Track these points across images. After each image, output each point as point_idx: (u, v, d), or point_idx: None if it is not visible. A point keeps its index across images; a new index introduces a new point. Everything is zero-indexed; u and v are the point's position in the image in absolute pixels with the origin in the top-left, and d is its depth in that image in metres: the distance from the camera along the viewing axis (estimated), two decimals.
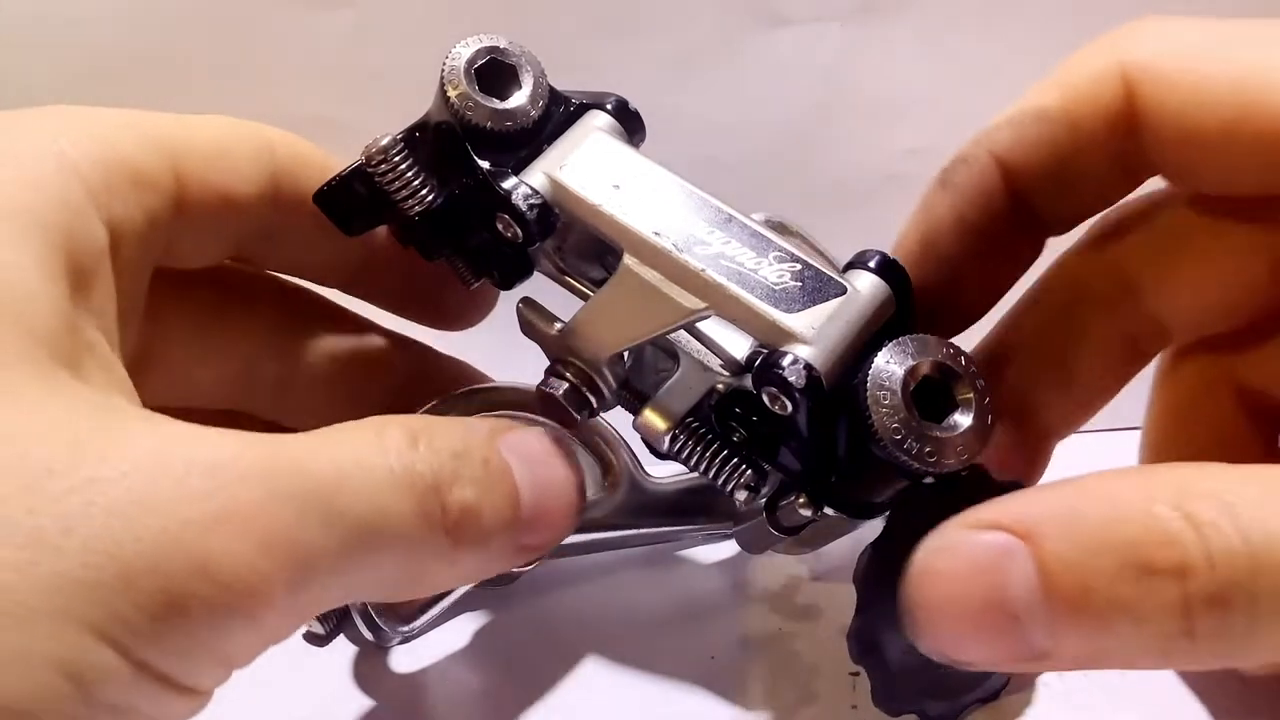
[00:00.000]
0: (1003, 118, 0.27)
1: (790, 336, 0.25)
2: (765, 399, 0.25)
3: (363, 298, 0.32)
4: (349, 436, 0.22)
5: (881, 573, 0.26)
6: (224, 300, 0.30)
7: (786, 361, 0.24)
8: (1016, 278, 0.29)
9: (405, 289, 0.32)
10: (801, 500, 0.27)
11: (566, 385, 0.27)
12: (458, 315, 0.33)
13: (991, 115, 0.28)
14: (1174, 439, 0.30)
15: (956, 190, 0.27)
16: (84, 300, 0.22)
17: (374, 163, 0.26)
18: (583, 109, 0.28)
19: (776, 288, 0.25)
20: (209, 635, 0.19)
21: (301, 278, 0.31)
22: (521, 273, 0.28)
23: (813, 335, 0.25)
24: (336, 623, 0.32)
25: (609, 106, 0.28)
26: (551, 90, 0.28)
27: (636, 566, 0.36)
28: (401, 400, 0.30)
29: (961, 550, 0.22)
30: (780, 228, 0.27)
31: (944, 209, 0.27)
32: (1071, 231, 0.29)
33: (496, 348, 0.32)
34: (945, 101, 0.41)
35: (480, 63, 0.27)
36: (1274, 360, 0.28)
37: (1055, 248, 0.29)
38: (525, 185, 0.26)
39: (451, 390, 0.32)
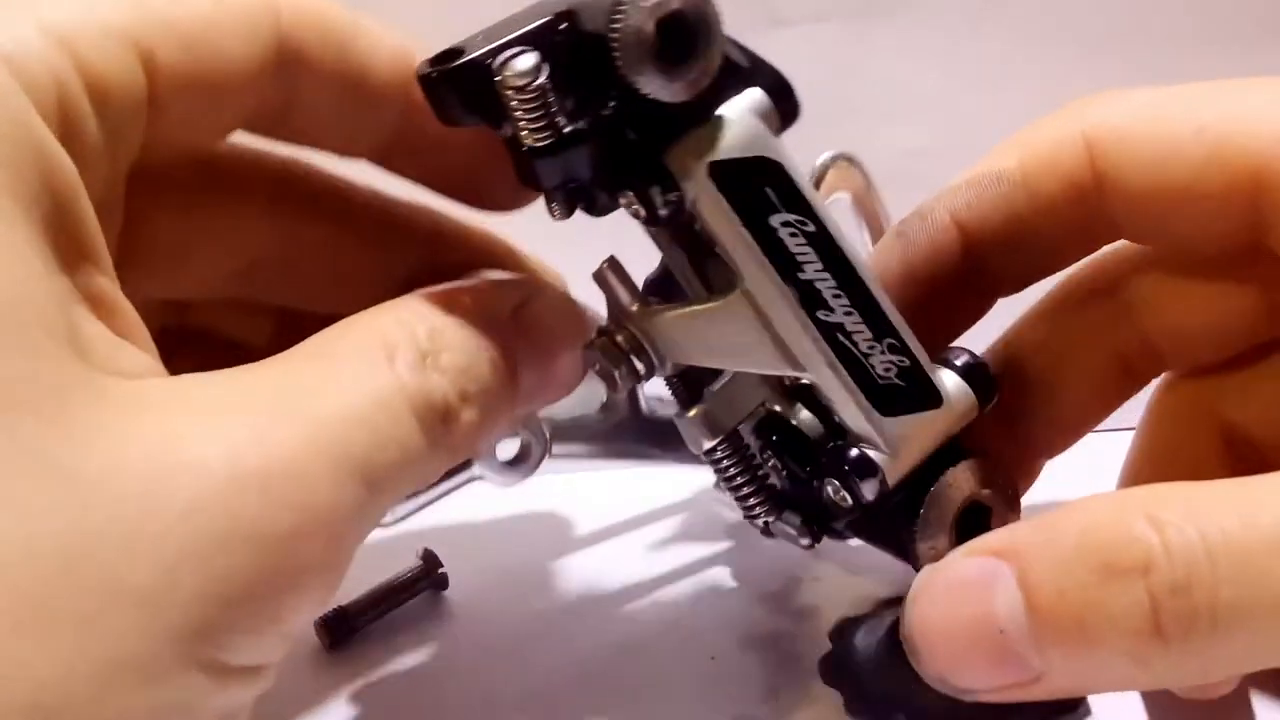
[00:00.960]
0: (964, 177, 0.27)
1: (876, 442, 0.24)
2: (828, 489, 0.25)
3: (395, 172, 0.28)
4: (360, 368, 0.22)
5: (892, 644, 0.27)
6: (211, 184, 0.27)
7: (857, 458, 0.24)
8: (960, 332, 0.29)
9: (445, 164, 0.28)
10: (804, 534, 0.28)
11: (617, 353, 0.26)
12: (503, 195, 0.28)
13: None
14: (1154, 474, 0.30)
15: (908, 242, 0.28)
16: (74, 251, 0.21)
17: (509, 84, 0.22)
18: (741, 80, 0.24)
19: (881, 382, 0.24)
20: (274, 612, 0.20)
21: (321, 150, 0.28)
22: (608, 209, 0.26)
23: (897, 447, 0.24)
24: (348, 631, 0.33)
25: (765, 84, 0.24)
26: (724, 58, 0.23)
27: (636, 567, 0.36)
28: (422, 274, 0.27)
29: (949, 574, 0.23)
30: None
31: (894, 259, 0.28)
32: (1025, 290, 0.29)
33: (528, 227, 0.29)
34: (945, 101, 0.41)
35: (663, 16, 0.22)
36: (1256, 397, 0.28)
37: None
38: (669, 177, 0.23)
39: (475, 265, 0.29)
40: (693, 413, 0.26)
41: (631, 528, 0.38)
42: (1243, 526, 0.20)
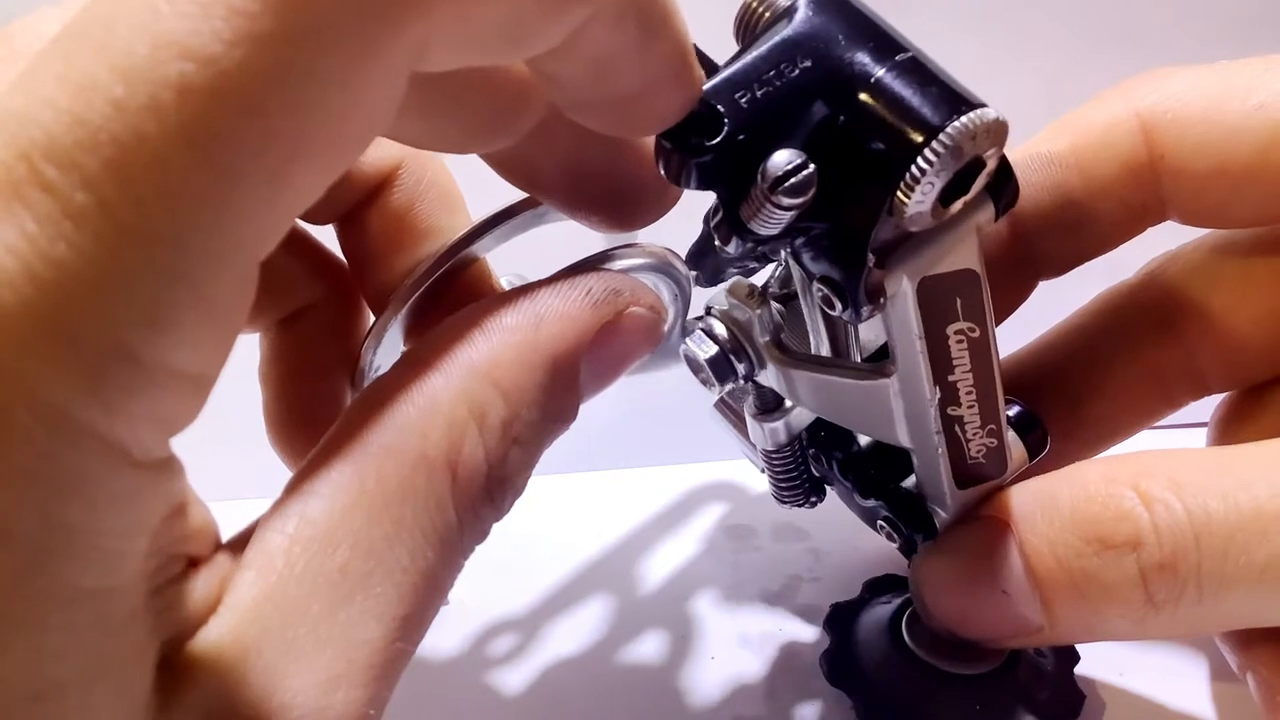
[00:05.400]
0: (1012, 160, 0.27)
1: (943, 506, 0.25)
2: (882, 526, 0.27)
3: (515, 184, 0.23)
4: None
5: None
6: None
7: (929, 526, 0.26)
8: (1004, 317, 0.29)
9: (570, 178, 0.23)
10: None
11: (715, 350, 0.25)
12: (635, 210, 0.23)
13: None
14: None
15: None
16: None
17: (775, 203, 0.19)
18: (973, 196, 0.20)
19: (969, 461, 0.24)
20: None
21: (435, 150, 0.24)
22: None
23: (957, 512, 0.25)
24: None
25: (997, 203, 0.22)
26: None
27: (636, 567, 0.36)
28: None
29: (956, 538, 0.25)
30: None
31: None
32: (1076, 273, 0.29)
33: None
34: None
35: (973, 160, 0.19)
36: None
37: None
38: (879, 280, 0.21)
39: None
40: (776, 422, 0.28)
41: (632, 528, 0.38)
42: (1224, 506, 0.21)
